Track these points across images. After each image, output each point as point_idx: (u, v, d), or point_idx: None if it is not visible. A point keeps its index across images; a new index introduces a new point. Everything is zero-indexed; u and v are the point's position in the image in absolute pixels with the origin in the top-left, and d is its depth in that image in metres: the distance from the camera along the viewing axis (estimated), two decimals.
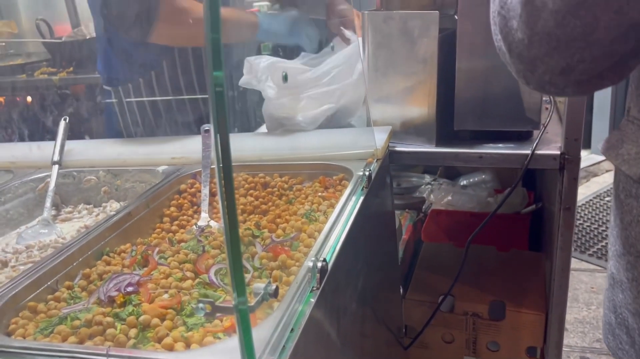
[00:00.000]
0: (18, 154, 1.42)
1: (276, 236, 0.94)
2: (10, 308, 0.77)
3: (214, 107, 0.50)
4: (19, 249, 1.09)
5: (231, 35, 1.44)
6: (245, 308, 0.52)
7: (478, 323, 1.45)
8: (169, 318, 0.73)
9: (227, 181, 0.51)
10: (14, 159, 1.40)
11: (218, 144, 0.51)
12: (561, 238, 1.25)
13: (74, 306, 0.78)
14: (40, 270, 0.85)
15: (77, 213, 1.30)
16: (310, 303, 0.70)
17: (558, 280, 1.28)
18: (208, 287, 0.81)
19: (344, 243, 0.86)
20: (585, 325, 2.33)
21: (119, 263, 0.91)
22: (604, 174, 3.68)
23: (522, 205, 1.88)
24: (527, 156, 1.22)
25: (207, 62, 0.49)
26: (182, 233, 1.03)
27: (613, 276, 0.79)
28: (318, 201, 1.06)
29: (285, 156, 1.25)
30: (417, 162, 1.44)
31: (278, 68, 1.27)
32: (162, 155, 1.32)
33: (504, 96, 1.24)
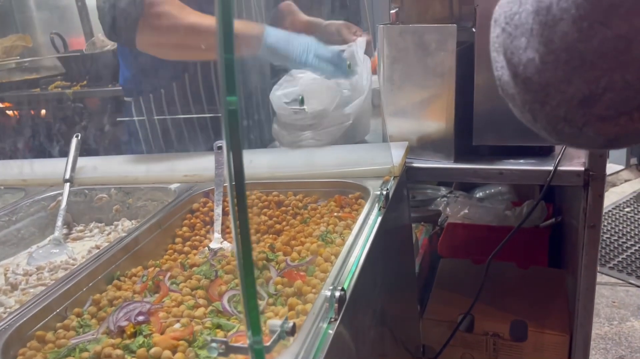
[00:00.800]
0: (30, 171, 1.40)
1: (291, 260, 0.91)
2: (18, 337, 0.75)
3: (228, 131, 0.48)
4: (29, 271, 1.08)
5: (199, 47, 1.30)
6: (261, 348, 0.49)
7: (499, 343, 1.40)
8: (181, 350, 0.70)
9: (241, 201, 0.48)
10: (25, 177, 1.39)
11: (231, 166, 0.48)
12: (586, 256, 1.20)
13: (83, 336, 0.76)
14: (50, 296, 0.82)
15: (89, 231, 1.29)
16: (328, 336, 0.67)
17: (583, 300, 1.23)
18: (221, 315, 0.78)
19: (362, 268, 0.82)
20: (607, 341, 2.27)
21: (130, 287, 0.89)
22: (622, 184, 3.60)
23: (540, 219, 1.83)
24: (549, 172, 1.17)
25: (221, 84, 0.47)
26: (195, 255, 1.01)
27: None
28: (334, 222, 1.03)
29: (300, 173, 1.22)
30: (435, 178, 1.41)
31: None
32: (175, 172, 1.30)
33: None
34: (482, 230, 1.78)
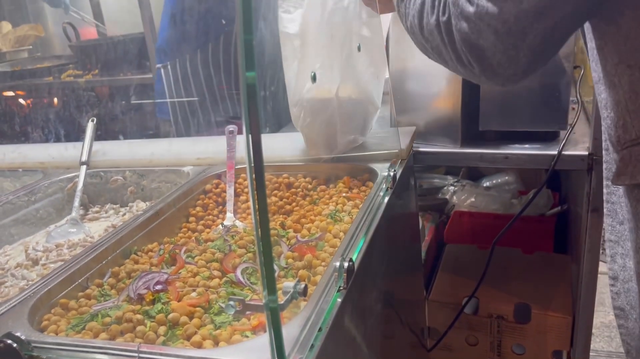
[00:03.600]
0: (47, 155, 1.44)
1: (301, 236, 0.94)
2: (43, 304, 0.79)
3: (246, 107, 0.51)
4: (49, 247, 1.12)
5: None
6: (276, 306, 0.53)
7: (503, 325, 1.43)
8: (197, 316, 0.74)
9: (259, 180, 0.51)
10: (43, 160, 1.43)
11: (250, 144, 0.51)
12: (589, 240, 1.23)
13: (105, 303, 0.80)
14: (72, 268, 0.86)
15: (104, 212, 1.33)
16: (337, 303, 0.71)
17: (586, 283, 1.26)
18: (235, 286, 0.82)
19: (369, 243, 0.86)
20: (611, 329, 2.29)
21: (147, 261, 0.93)
22: None
23: (547, 207, 1.85)
24: (553, 157, 1.20)
25: (240, 62, 0.50)
26: (208, 233, 1.04)
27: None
28: (343, 202, 1.06)
29: (309, 156, 1.25)
30: (441, 162, 1.43)
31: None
32: (188, 155, 1.33)
33: (530, 96, 1.22)
34: (488, 218, 1.80)
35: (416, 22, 0.74)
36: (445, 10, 0.68)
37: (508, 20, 0.62)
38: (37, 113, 2.73)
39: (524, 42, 0.63)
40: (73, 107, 2.62)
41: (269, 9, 1.40)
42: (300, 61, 1.02)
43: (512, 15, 0.61)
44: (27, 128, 2.50)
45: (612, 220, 0.78)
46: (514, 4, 0.61)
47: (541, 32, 0.62)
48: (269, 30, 1.50)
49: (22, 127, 2.62)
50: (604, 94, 0.70)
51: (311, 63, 1.04)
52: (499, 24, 0.62)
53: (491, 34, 0.63)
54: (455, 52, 0.69)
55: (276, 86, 1.59)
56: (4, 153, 1.48)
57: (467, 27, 0.65)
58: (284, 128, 1.59)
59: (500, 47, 0.64)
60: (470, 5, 0.64)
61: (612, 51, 0.66)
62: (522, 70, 0.66)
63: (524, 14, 0.61)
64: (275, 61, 1.61)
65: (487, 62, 0.66)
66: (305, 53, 1.02)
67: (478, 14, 0.63)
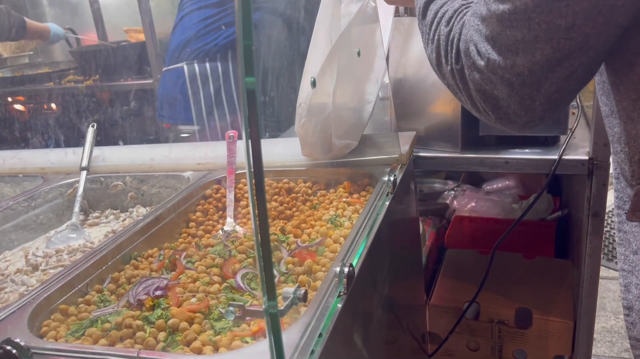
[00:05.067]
0: (47, 160, 1.45)
1: (301, 242, 0.94)
2: (43, 310, 0.79)
3: (246, 112, 0.51)
4: (49, 253, 1.12)
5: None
6: (276, 312, 0.52)
7: (504, 330, 1.43)
8: (197, 321, 0.74)
9: (259, 185, 0.51)
10: (43, 165, 1.43)
11: (249, 149, 0.51)
12: (589, 244, 1.23)
13: (104, 309, 0.80)
14: (71, 274, 0.86)
15: (105, 218, 1.32)
16: (337, 309, 0.70)
17: (587, 288, 1.26)
18: (235, 291, 0.82)
19: (370, 248, 0.86)
20: (613, 334, 2.28)
21: (147, 267, 0.92)
22: None
23: (547, 212, 1.85)
24: (554, 161, 1.20)
25: (240, 67, 0.50)
26: (208, 238, 1.04)
27: None
28: (343, 207, 1.06)
29: (309, 161, 1.26)
30: (441, 167, 1.43)
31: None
32: (188, 160, 1.33)
33: None
34: (489, 222, 1.80)
35: (434, 58, 0.72)
36: (458, 58, 0.66)
37: (522, 73, 0.60)
38: (38, 118, 2.74)
39: (539, 91, 0.61)
40: (73, 112, 2.63)
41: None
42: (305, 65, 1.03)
43: (525, 69, 0.60)
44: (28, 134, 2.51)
45: (624, 249, 0.76)
46: (526, 57, 0.59)
47: (556, 81, 0.60)
48: (272, 34, 1.51)
49: (22, 132, 2.63)
50: (617, 128, 0.68)
51: (311, 69, 1.05)
52: (513, 77, 0.60)
53: (505, 86, 0.62)
54: (470, 99, 0.68)
55: (276, 91, 1.60)
56: (4, 158, 1.48)
57: (479, 78, 0.63)
58: (283, 133, 1.59)
59: (515, 97, 0.62)
60: (481, 58, 0.62)
61: (630, 88, 0.63)
62: (538, 117, 0.64)
63: (538, 67, 0.59)
64: (276, 66, 1.62)
65: (502, 111, 0.64)
66: (309, 58, 1.03)
67: (490, 67, 0.62)
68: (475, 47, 0.63)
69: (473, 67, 0.64)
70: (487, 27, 0.61)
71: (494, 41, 0.61)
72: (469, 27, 0.64)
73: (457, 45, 0.67)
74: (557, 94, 0.62)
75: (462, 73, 0.66)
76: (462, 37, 0.66)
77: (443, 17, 0.71)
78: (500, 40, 0.60)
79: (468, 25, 0.65)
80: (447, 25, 0.69)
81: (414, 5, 0.80)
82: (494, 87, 0.63)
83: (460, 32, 0.66)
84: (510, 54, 0.60)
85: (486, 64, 0.62)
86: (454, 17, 0.69)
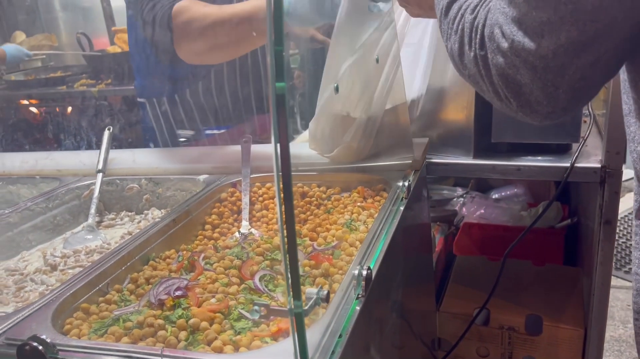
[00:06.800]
0: (63, 162, 1.47)
1: (317, 245, 0.95)
2: (65, 309, 0.80)
3: (275, 117, 0.52)
4: (67, 253, 1.13)
5: (248, 34, 1.32)
6: (301, 311, 0.54)
7: (514, 337, 1.43)
8: (217, 321, 0.75)
9: (287, 186, 0.53)
10: (60, 167, 1.45)
11: (278, 152, 0.53)
12: (601, 252, 1.23)
13: (126, 308, 0.81)
14: (92, 273, 0.88)
15: (120, 219, 1.34)
16: (355, 311, 0.72)
17: (598, 295, 1.26)
18: (253, 293, 0.83)
19: (386, 252, 0.87)
20: (621, 343, 2.28)
21: (165, 268, 0.94)
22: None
23: (556, 219, 1.86)
24: (566, 169, 1.21)
25: (270, 72, 0.51)
26: (224, 240, 1.06)
27: None
28: (358, 211, 1.07)
29: (323, 166, 1.27)
30: (454, 173, 1.44)
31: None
32: (203, 164, 1.35)
33: None
34: (497, 229, 1.81)
35: (456, 48, 0.72)
36: (482, 44, 0.66)
37: (546, 55, 0.59)
38: (51, 121, 2.77)
39: (562, 78, 0.60)
40: (86, 115, 2.66)
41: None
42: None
43: (550, 51, 0.59)
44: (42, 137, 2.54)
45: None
46: (552, 40, 0.58)
47: (581, 68, 0.59)
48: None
49: (36, 135, 2.66)
50: (633, 127, 0.68)
51: (333, 72, 1.07)
52: (536, 60, 0.60)
53: (528, 70, 0.61)
54: (492, 86, 0.67)
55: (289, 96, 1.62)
56: (21, 160, 1.50)
57: (503, 62, 0.63)
58: (296, 138, 1.60)
59: (538, 83, 0.61)
60: (505, 40, 0.62)
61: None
62: (561, 108, 0.63)
63: (563, 50, 0.58)
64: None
65: (524, 99, 0.64)
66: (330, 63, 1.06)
67: (514, 50, 0.61)
68: (500, 30, 0.63)
69: (497, 51, 0.63)
70: (513, 8, 0.61)
71: (519, 23, 0.60)
72: (495, 10, 0.64)
73: (482, 31, 0.66)
74: (581, 83, 0.61)
75: (485, 59, 0.66)
76: (487, 22, 0.65)
77: (468, 7, 0.71)
78: (526, 21, 0.60)
79: (494, 9, 0.64)
80: (472, 13, 0.69)
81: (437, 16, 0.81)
82: (517, 72, 0.62)
83: (486, 18, 0.66)
84: (535, 36, 0.59)
85: (510, 46, 0.61)
86: (479, 5, 0.69)
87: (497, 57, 0.64)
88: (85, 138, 2.22)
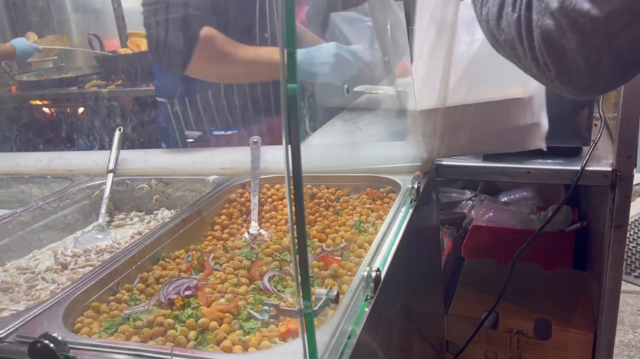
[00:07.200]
0: (76, 162, 1.48)
1: (326, 246, 0.96)
2: (76, 307, 0.81)
3: (286, 118, 0.53)
4: (77, 252, 1.14)
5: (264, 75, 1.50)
6: (311, 312, 0.54)
7: (523, 341, 1.42)
8: (227, 321, 0.75)
9: (297, 188, 0.53)
10: (72, 167, 1.46)
11: (288, 154, 0.53)
12: (611, 256, 1.22)
13: (136, 307, 0.82)
14: (102, 273, 0.89)
15: (129, 219, 1.35)
16: (364, 312, 0.72)
17: (608, 300, 1.25)
18: (262, 293, 0.83)
19: (395, 254, 0.87)
20: (631, 349, 2.26)
21: (175, 267, 0.94)
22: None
23: (566, 223, 1.85)
24: (576, 172, 1.20)
25: (282, 74, 0.52)
26: (233, 241, 1.06)
27: None
28: (366, 213, 1.07)
29: (332, 168, 1.27)
30: (463, 176, 1.43)
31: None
32: (212, 165, 1.36)
33: (553, 111, 1.23)
34: (506, 233, 1.80)
35: (494, 12, 0.67)
36: (529, 4, 0.62)
37: (597, 19, 0.55)
38: (63, 122, 2.80)
39: (610, 46, 0.56)
40: (98, 116, 2.68)
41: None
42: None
43: (603, 14, 0.54)
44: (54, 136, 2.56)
45: None
46: (606, 2, 0.54)
47: (632, 38, 0.55)
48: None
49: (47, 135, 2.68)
50: None
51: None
52: (587, 22, 0.55)
53: (575, 33, 0.57)
54: (532, 51, 0.63)
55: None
56: (35, 160, 1.51)
57: (550, 24, 0.58)
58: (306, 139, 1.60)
59: (583, 50, 0.57)
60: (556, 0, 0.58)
61: None
62: (602, 81, 0.60)
63: (617, 14, 0.54)
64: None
65: (565, 67, 0.60)
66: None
67: (564, 10, 0.56)
68: None
69: (545, 11, 0.59)
70: None
71: None
72: None
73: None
74: (629, 55, 0.57)
75: (529, 21, 0.62)
76: None
77: None
78: None
79: None
80: None
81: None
82: (562, 35, 0.58)
83: None
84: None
85: (560, 6, 0.57)
86: None
87: (543, 19, 0.60)
88: (98, 138, 2.24)
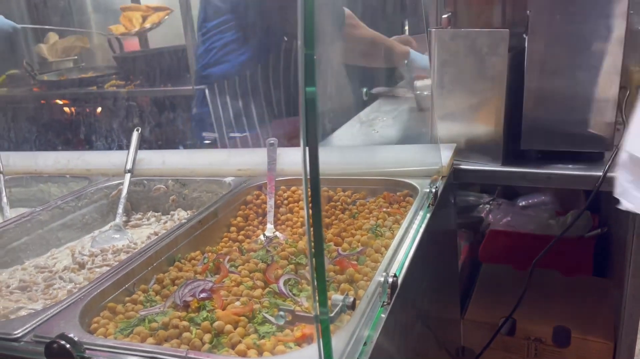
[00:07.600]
0: (95, 162, 1.49)
1: (342, 250, 0.95)
2: (92, 308, 0.81)
3: (304, 121, 0.52)
4: (95, 252, 1.15)
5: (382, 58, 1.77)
6: (327, 318, 0.53)
7: (540, 348, 1.40)
8: (242, 325, 0.75)
9: (315, 191, 0.52)
10: (90, 167, 1.47)
11: (306, 157, 0.52)
12: (633, 264, 1.20)
13: (151, 309, 0.82)
14: (118, 273, 0.89)
15: (146, 219, 1.36)
16: (381, 318, 0.71)
17: (629, 308, 1.23)
18: (277, 297, 0.83)
19: (411, 260, 0.86)
20: None
21: (191, 269, 0.94)
22: None
23: (586, 229, 1.81)
24: (598, 178, 1.18)
25: (300, 77, 0.51)
26: (249, 243, 1.06)
27: None
28: (383, 217, 1.06)
29: (349, 170, 1.26)
30: (482, 180, 1.42)
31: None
32: (229, 166, 1.36)
33: (574, 116, 1.21)
34: (524, 238, 1.77)
35: None
36: None
37: None
38: (82, 121, 2.83)
39: None
40: (115, 116, 2.70)
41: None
42: None
43: None
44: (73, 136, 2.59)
45: None
46: None
47: None
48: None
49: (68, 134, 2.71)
50: None
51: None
52: None
53: None
54: None
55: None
56: (54, 159, 1.53)
57: None
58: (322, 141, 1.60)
59: None
60: None
61: None
62: None
63: None
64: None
65: None
66: None
67: None
68: None
69: None
70: None
71: None
72: None
73: None
74: None
75: None
76: None
77: None
78: None
79: None
80: None
81: None
82: None
83: None
84: None
85: None
86: None
87: None
88: (116, 139, 2.26)
